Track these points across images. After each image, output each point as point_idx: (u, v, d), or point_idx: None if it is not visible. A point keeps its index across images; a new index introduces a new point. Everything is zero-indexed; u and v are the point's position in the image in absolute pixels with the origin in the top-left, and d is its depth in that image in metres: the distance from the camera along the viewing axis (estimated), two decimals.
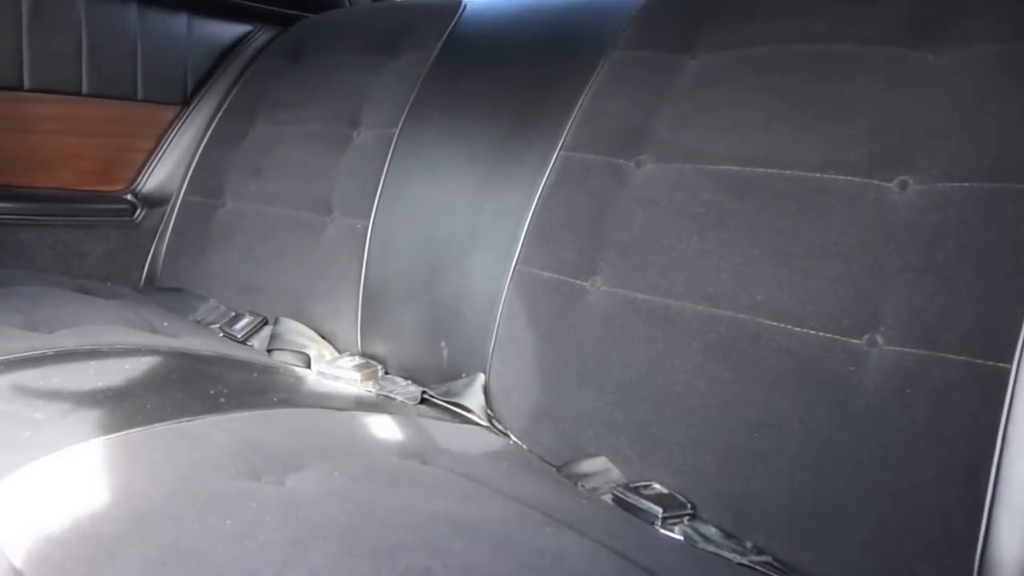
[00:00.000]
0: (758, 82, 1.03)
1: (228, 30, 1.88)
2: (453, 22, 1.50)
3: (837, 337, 0.86)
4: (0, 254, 1.50)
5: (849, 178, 0.92)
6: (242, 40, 1.89)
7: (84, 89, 1.61)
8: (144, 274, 1.68)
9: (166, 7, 1.75)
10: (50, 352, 0.97)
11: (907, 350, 0.82)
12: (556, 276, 1.10)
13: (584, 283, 1.06)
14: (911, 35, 0.95)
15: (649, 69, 1.15)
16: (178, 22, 1.78)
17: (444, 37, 1.47)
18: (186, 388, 0.93)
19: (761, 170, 0.98)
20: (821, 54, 1.01)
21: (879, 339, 0.84)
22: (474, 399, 1.10)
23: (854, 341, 0.85)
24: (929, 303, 0.83)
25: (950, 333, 0.80)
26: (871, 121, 0.93)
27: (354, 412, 1.00)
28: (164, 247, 1.67)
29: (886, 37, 0.97)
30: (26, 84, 1.52)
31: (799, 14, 1.06)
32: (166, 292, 1.56)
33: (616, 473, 0.96)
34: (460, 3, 1.55)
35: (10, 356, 0.94)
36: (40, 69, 1.54)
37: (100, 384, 0.90)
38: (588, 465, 0.97)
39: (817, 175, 0.94)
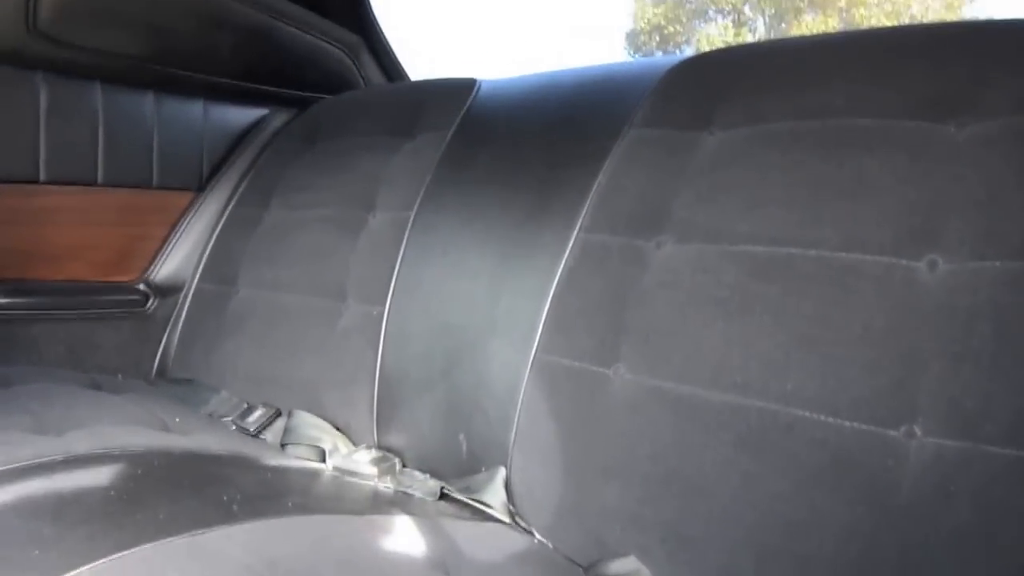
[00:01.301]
0: (778, 159, 1.02)
1: (244, 114, 1.90)
2: (468, 102, 1.50)
3: (873, 428, 0.82)
4: (10, 350, 1.49)
5: (876, 258, 0.89)
6: (258, 123, 1.91)
7: (99, 179, 1.62)
8: (156, 365, 1.66)
9: (182, 94, 1.77)
10: (59, 458, 0.94)
11: (947, 442, 0.78)
12: (577, 364, 1.07)
13: (607, 371, 1.03)
14: (931, 108, 0.94)
15: (666, 147, 1.14)
16: (194, 108, 1.80)
17: (459, 118, 1.48)
18: (199, 495, 0.90)
19: (785, 250, 0.96)
20: (841, 129, 0.99)
21: (917, 430, 0.80)
22: (495, 495, 1.06)
23: (891, 433, 0.81)
24: (967, 392, 0.79)
25: (992, 424, 0.77)
26: (895, 198, 0.91)
27: (373, 516, 0.96)
28: (176, 337, 1.65)
29: (906, 111, 0.96)
30: (42, 177, 1.53)
31: (816, 88, 1.05)
32: (178, 384, 1.54)
33: (647, 574, 0.92)
34: (474, 83, 1.56)
35: (18, 464, 0.91)
36: (56, 161, 1.55)
37: (111, 492, 0.87)
38: (617, 566, 0.93)
39: (843, 255, 0.92)
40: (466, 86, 1.55)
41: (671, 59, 1.29)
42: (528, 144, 1.34)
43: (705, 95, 1.16)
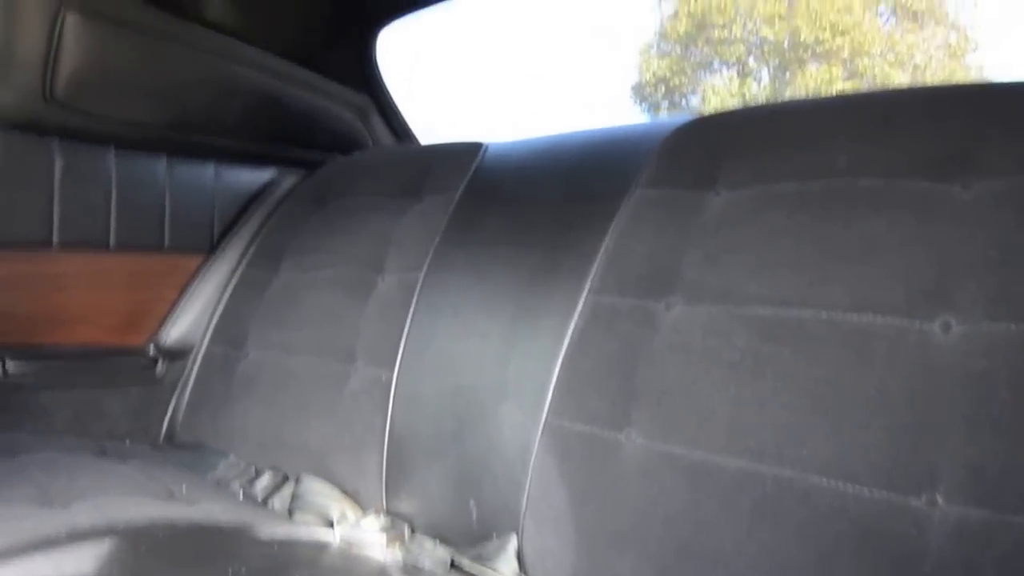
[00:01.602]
0: (784, 220, 1.02)
1: (255, 175, 1.92)
2: (474, 165, 1.52)
3: (894, 496, 0.80)
4: (18, 417, 1.48)
5: (888, 319, 0.88)
6: (269, 184, 1.93)
7: (111, 243, 1.63)
8: (164, 429, 1.65)
9: (194, 157, 1.79)
10: (63, 533, 0.93)
11: (970, 511, 0.76)
12: (588, 428, 1.05)
13: (619, 435, 1.02)
14: (935, 168, 0.94)
15: (672, 207, 1.15)
16: (206, 171, 1.82)
17: (466, 180, 1.49)
18: (203, 571, 0.88)
19: (795, 312, 0.95)
20: (845, 189, 0.99)
21: (939, 499, 0.78)
22: (507, 564, 1.04)
23: (912, 501, 0.79)
24: (988, 458, 0.77)
25: (1014, 493, 0.75)
26: (905, 258, 0.90)
27: None
28: (185, 401, 1.65)
29: (909, 170, 0.95)
30: (55, 241, 1.54)
31: (819, 149, 1.05)
32: (185, 449, 1.52)
33: None
34: (481, 146, 1.58)
35: (21, 541, 0.90)
36: (69, 226, 1.56)
37: (115, 570, 0.86)
38: None
39: (854, 317, 0.91)
40: (472, 149, 1.57)
41: (675, 120, 1.30)
42: (535, 205, 1.35)
43: (709, 155, 1.16)
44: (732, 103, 12.40)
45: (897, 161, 0.97)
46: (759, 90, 12.74)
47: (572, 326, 1.14)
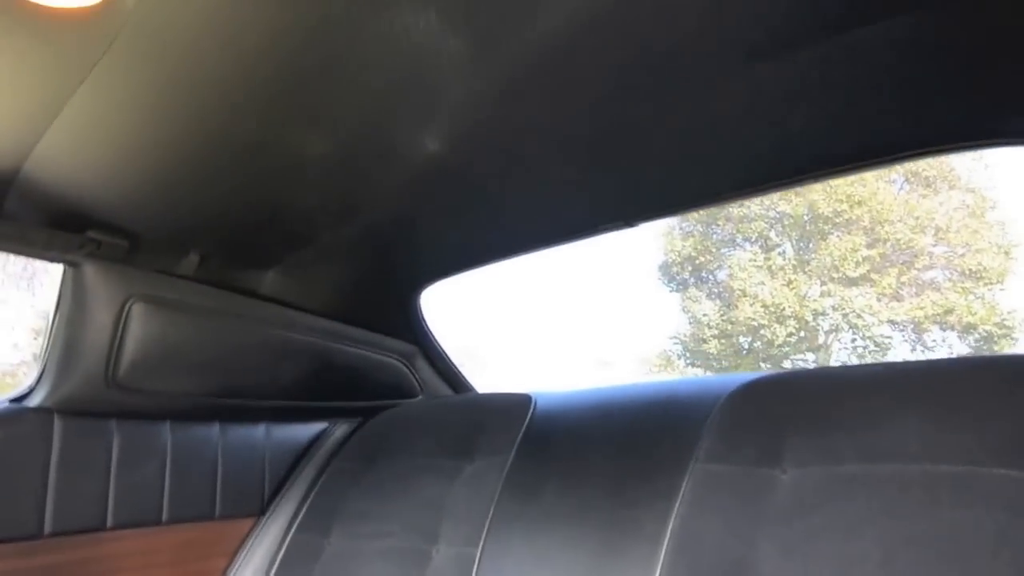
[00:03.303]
0: (862, 509, 0.98)
1: (305, 430, 1.94)
2: (525, 423, 1.51)
3: None
4: None
5: None
6: (319, 437, 1.94)
7: (164, 518, 1.62)
8: None
9: (246, 420, 1.81)
10: None
11: None
12: None
13: None
14: (1019, 455, 0.91)
15: (737, 488, 1.11)
16: (257, 432, 1.84)
17: (518, 441, 1.48)
18: None
19: None
20: (922, 476, 0.96)
21: None
22: None
23: None
24: None
25: None
26: (1007, 555, 0.85)
27: None
28: None
29: (989, 457, 0.92)
30: (109, 523, 1.54)
31: (887, 428, 1.03)
32: None
33: None
34: (530, 400, 1.58)
35: None
36: (124, 505, 1.56)
37: None
38: None
39: None
40: (522, 403, 1.57)
41: (730, 380, 1.29)
42: (592, 476, 1.33)
43: (770, 427, 1.15)
44: (759, 277, 12.56)
45: (973, 445, 0.94)
46: (784, 263, 12.92)
47: None
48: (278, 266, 1.65)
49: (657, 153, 1.21)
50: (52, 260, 1.43)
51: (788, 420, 1.14)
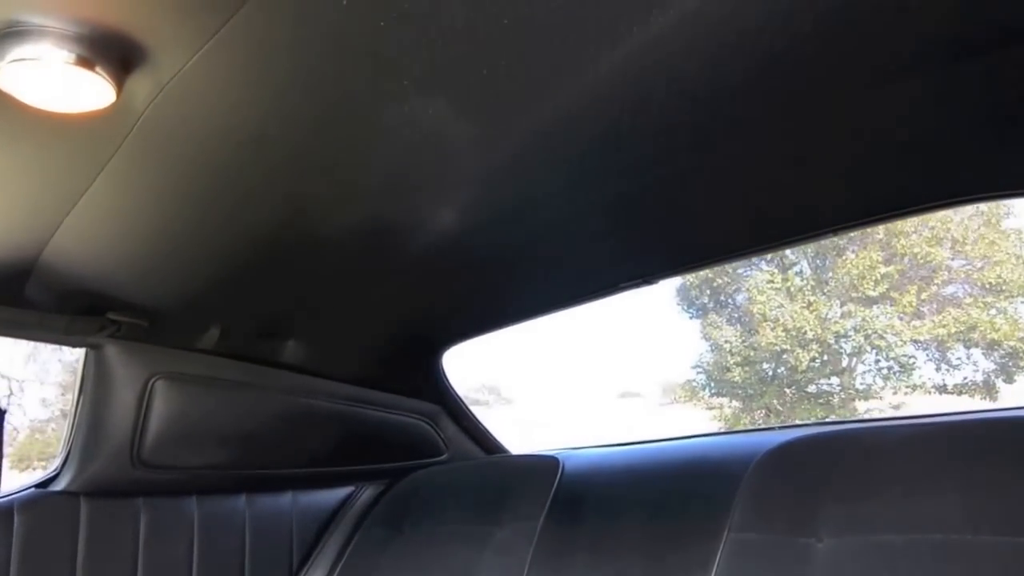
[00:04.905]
0: None
1: (332, 495, 1.92)
2: (553, 487, 1.49)
3: None
4: None
5: None
6: (346, 502, 1.92)
7: None
8: None
9: (272, 489, 1.80)
10: None
11: None
12: None
13: None
14: None
15: (772, 557, 1.08)
16: (283, 500, 1.82)
17: (547, 507, 1.45)
18: None
19: None
20: (963, 546, 0.92)
21: None
22: None
23: None
24: None
25: None
26: None
27: None
28: None
29: None
30: None
31: (927, 496, 1.00)
32: None
33: None
34: (558, 462, 1.55)
35: None
36: None
37: None
38: None
39: None
40: (550, 466, 1.54)
41: (760, 441, 1.27)
42: (624, 545, 1.30)
43: (803, 493, 1.11)
44: (779, 300, 12.47)
45: (1018, 514, 0.91)
46: (803, 283, 12.82)
47: None
48: (298, 336, 1.65)
49: (675, 213, 1.20)
50: (74, 345, 1.43)
51: (821, 486, 1.11)
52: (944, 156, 1.02)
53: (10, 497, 1.42)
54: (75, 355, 1.52)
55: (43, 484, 1.49)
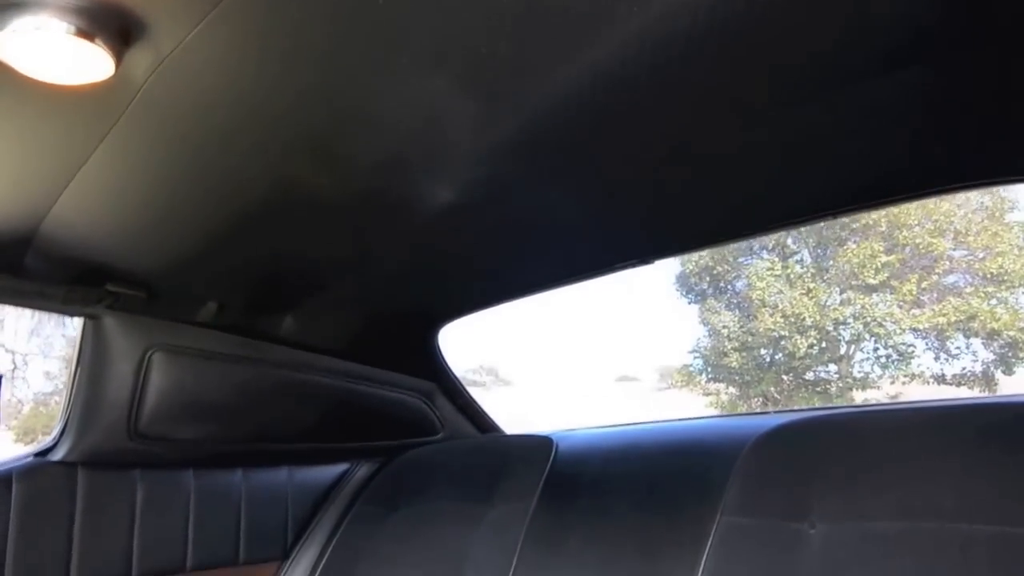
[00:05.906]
0: (895, 571, 0.95)
1: (327, 472, 1.94)
2: (547, 468, 1.50)
3: None
4: None
5: None
6: (341, 479, 1.93)
7: (188, 565, 1.62)
8: None
9: (268, 464, 1.81)
10: None
11: None
12: None
13: None
14: None
15: (765, 541, 1.09)
16: (279, 475, 1.84)
17: (539, 487, 1.46)
18: None
19: None
20: (957, 535, 0.93)
21: None
22: None
23: None
24: None
25: None
26: None
27: None
28: None
29: None
30: (134, 573, 1.54)
31: (923, 484, 1.00)
32: None
33: None
34: (551, 442, 1.56)
35: None
36: (148, 555, 1.56)
37: None
38: None
39: None
40: (543, 446, 1.55)
41: (755, 424, 1.27)
42: (617, 526, 1.31)
43: (797, 477, 1.12)
44: (778, 286, 12.46)
45: (1012, 509, 0.91)
46: (803, 271, 12.80)
47: None
48: (295, 310, 1.65)
49: (672, 193, 1.20)
50: (72, 314, 1.44)
51: (815, 472, 1.11)
52: (945, 142, 1.02)
53: (9, 466, 1.44)
54: (78, 329, 1.53)
55: (41, 454, 1.50)
